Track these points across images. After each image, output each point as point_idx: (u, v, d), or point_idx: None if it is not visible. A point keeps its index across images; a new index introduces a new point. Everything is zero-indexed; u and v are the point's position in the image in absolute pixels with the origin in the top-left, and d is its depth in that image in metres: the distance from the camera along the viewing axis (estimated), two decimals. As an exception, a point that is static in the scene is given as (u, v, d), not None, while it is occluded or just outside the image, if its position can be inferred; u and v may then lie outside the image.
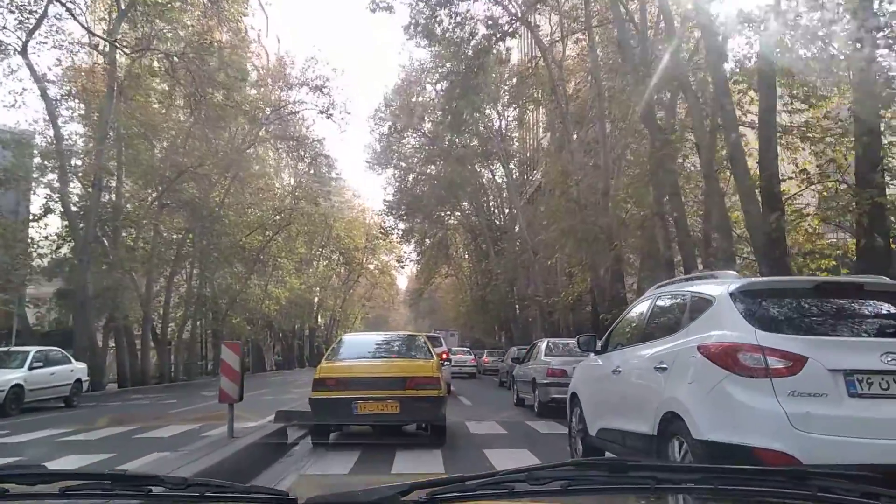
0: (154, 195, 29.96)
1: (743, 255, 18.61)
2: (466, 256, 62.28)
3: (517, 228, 36.27)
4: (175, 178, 28.45)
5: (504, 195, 48.41)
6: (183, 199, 30.92)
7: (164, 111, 30.60)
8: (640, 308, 6.78)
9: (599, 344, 7.30)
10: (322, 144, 36.23)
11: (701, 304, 5.25)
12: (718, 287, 5.19)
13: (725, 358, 4.53)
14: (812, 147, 16.58)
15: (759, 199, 14.06)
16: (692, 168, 21.65)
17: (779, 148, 15.00)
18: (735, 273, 6.39)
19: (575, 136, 27.77)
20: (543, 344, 15.60)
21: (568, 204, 25.91)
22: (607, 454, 6.55)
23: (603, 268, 25.86)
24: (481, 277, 51.68)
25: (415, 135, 47.68)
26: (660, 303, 6.32)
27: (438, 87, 36.83)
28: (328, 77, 34.21)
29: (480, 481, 1.47)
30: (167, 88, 30.95)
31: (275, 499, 1.50)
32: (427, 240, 57.37)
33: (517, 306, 42.92)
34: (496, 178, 48.71)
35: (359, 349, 10.49)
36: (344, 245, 62.86)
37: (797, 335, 4.53)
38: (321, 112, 35.32)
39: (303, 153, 35.87)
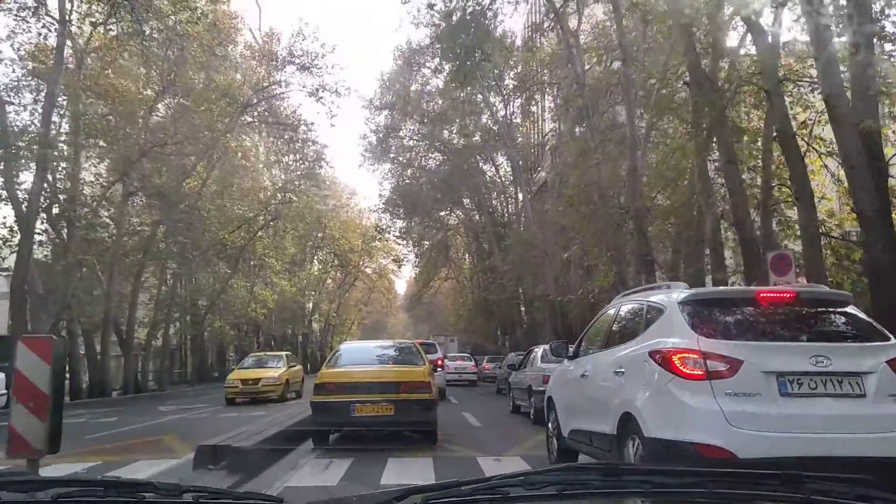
0: (114, 180, 25.93)
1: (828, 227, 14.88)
2: (467, 258, 58.43)
3: (524, 219, 32.20)
4: (137, 159, 24.52)
5: (509, 190, 44.74)
6: (153, 187, 26.94)
7: (132, 88, 26.71)
8: (607, 316, 7.01)
9: (572, 350, 7.45)
10: (310, 127, 32.19)
11: (654, 313, 5.54)
12: (670, 297, 5.51)
13: (671, 362, 4.81)
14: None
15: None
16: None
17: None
18: (685, 284, 6.44)
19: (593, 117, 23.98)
20: (539, 350, 14.77)
21: (588, 187, 22.09)
22: (580, 455, 6.90)
23: (629, 259, 22.05)
24: (484, 278, 47.73)
25: (413, 124, 43.84)
26: (622, 311, 6.52)
27: (437, 62, 32.90)
28: (317, 54, 30.25)
29: (475, 486, 1.44)
30: (139, 67, 27.33)
31: None
32: (426, 241, 53.57)
33: (522, 308, 38.96)
34: (500, 173, 44.92)
35: (356, 356, 10.99)
36: (339, 246, 58.96)
37: (735, 340, 4.85)
38: (310, 94, 31.49)
39: (289, 136, 31.72)
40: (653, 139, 23.28)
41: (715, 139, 15.53)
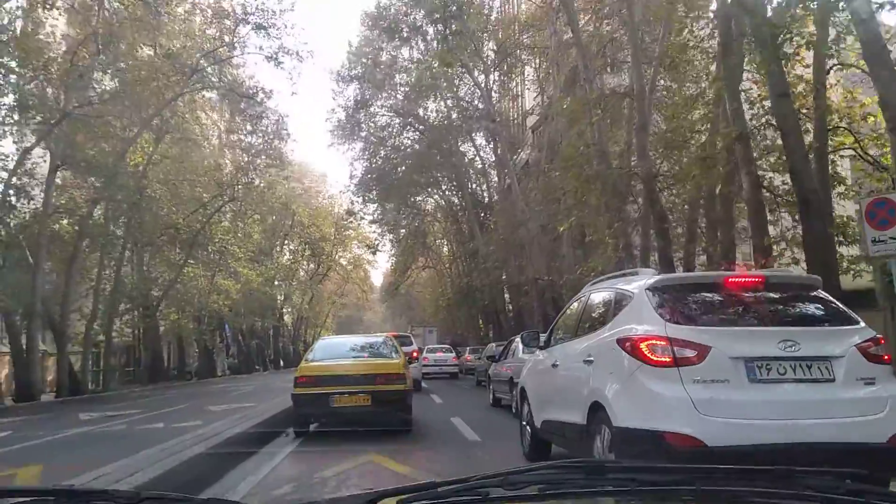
0: (30, 146, 21.93)
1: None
2: (446, 246, 54.87)
3: (511, 196, 28.63)
4: (56, 121, 20.61)
5: (490, 174, 41.29)
6: (84, 159, 23.03)
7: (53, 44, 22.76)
8: (577, 304, 6.78)
9: (543, 339, 7.27)
10: (268, 95, 28.17)
11: (622, 300, 5.35)
12: (637, 283, 5.30)
13: (638, 349, 4.62)
14: None
15: None
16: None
17: None
18: (654, 270, 6.46)
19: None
20: (520, 340, 13.01)
21: (587, 148, 18.67)
22: (552, 447, 6.91)
23: (636, 230, 18.78)
24: (465, 264, 44.25)
25: (386, 99, 40.14)
26: (592, 299, 6.32)
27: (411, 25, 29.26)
28: (274, 12, 26.37)
29: (453, 487, 1.36)
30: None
31: None
32: (402, 228, 49.94)
33: (507, 295, 35.52)
34: (480, 155, 41.40)
35: (334, 350, 11.43)
36: (309, 234, 55.08)
37: (703, 326, 4.69)
38: (268, 58, 27.63)
39: (244, 105, 27.76)
40: (657, 98, 19.97)
41: (761, 71, 12.19)
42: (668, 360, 4.46)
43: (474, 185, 41.58)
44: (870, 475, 1.46)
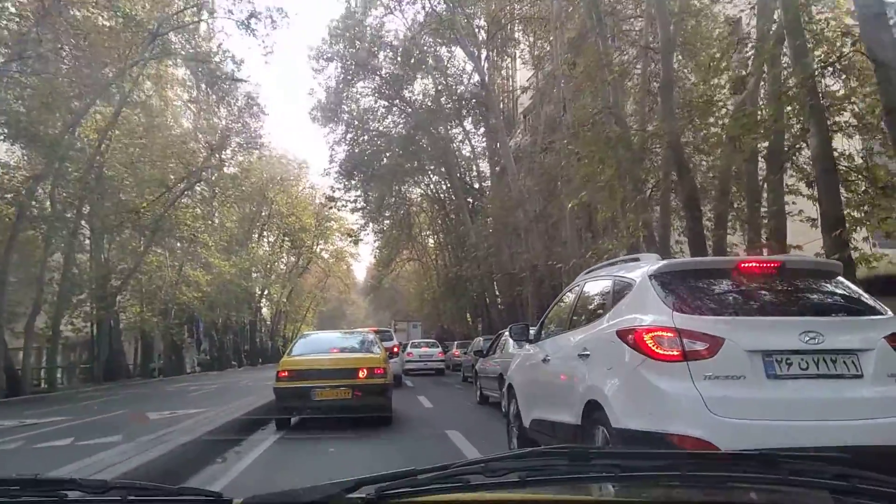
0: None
1: None
2: (432, 238, 51.93)
3: (509, 175, 25.63)
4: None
5: (479, 162, 38.42)
6: (17, 127, 19.79)
7: None
8: (571, 294, 6.28)
9: (534, 332, 6.78)
10: (238, 65, 25.03)
11: (623, 288, 4.84)
12: (639, 269, 4.78)
13: (641, 342, 4.14)
14: None
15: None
16: None
17: None
18: (657, 256, 5.66)
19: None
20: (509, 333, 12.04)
21: (600, 113, 15.78)
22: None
23: (657, 206, 16.00)
24: (453, 253, 41.34)
25: (369, 80, 37.05)
26: (587, 288, 5.80)
27: None
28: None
29: (433, 475, 1.33)
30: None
31: (207, 500, 1.36)
32: (386, 218, 46.88)
33: (495, 285, 32.56)
34: (470, 140, 38.45)
35: (316, 345, 11.37)
36: (288, 224, 51.90)
37: (714, 316, 4.23)
38: (240, 25, 24.48)
39: (208, 71, 24.51)
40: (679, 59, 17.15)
41: None
42: (675, 353, 3.98)
43: (464, 172, 38.55)
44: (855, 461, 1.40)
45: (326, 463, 7.49)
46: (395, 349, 19.37)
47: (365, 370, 9.77)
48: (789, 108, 12.45)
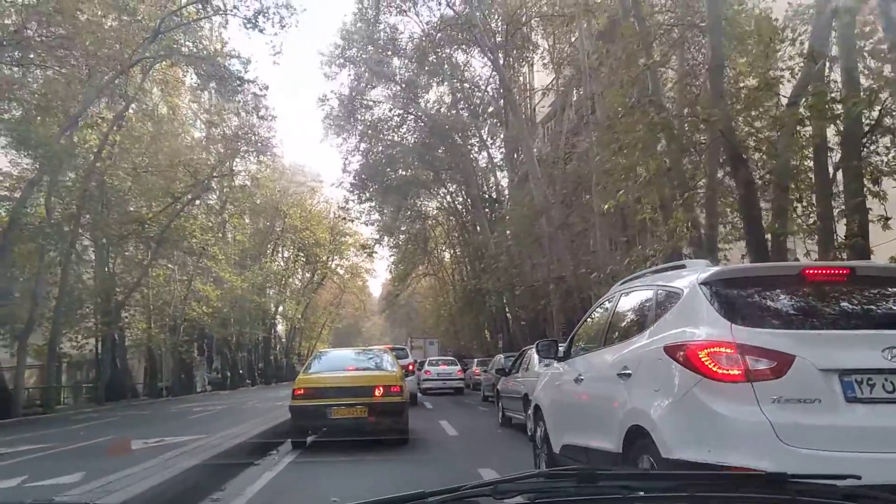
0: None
1: None
2: (449, 252, 50.13)
3: (532, 180, 23.73)
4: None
5: (500, 174, 36.65)
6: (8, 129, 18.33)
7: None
8: (605, 307, 5.57)
9: (562, 349, 6.09)
10: (245, 65, 23.49)
11: (668, 299, 4.28)
12: (687, 277, 4.22)
13: (696, 359, 3.58)
14: None
15: None
16: None
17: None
18: (706, 262, 4.91)
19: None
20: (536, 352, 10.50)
21: (643, 99, 13.94)
22: None
23: (709, 205, 14.12)
24: (472, 266, 39.52)
25: (383, 88, 35.58)
26: (625, 300, 5.14)
27: None
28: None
29: (442, 497, 1.31)
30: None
31: None
32: (402, 232, 45.25)
33: (516, 300, 30.56)
34: (488, 149, 36.66)
35: (331, 362, 11.03)
36: (302, 238, 50.37)
37: (782, 329, 3.66)
38: (247, 24, 23.04)
39: (210, 70, 22.86)
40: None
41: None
42: (737, 372, 3.39)
43: (481, 182, 36.77)
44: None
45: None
46: (411, 367, 18.75)
47: (381, 388, 9.55)
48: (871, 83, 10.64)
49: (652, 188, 14.30)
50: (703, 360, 3.54)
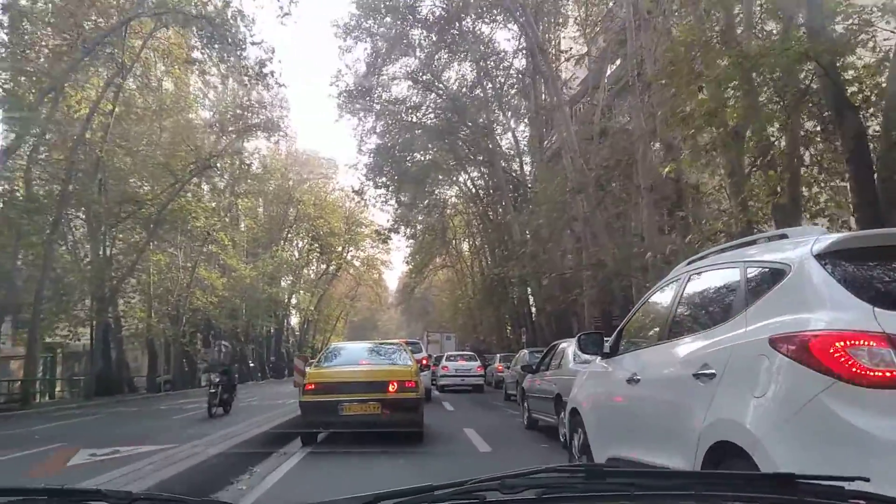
0: None
1: None
2: (468, 241, 47.52)
3: (569, 154, 20.80)
4: None
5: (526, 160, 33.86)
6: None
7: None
8: (667, 292, 4.40)
9: (608, 344, 5.02)
10: (248, 23, 20.80)
11: (767, 277, 3.23)
12: (795, 250, 3.15)
13: (826, 355, 2.57)
14: None
15: None
16: None
17: None
18: (821, 229, 4.22)
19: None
20: (571, 346, 10.02)
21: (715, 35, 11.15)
22: None
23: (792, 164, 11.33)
24: (494, 254, 36.86)
25: (402, 61, 32.85)
26: (696, 282, 4.04)
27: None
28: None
29: (449, 491, 1.29)
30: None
31: None
32: (419, 224, 42.69)
33: (542, 290, 27.76)
34: (513, 130, 33.90)
35: (344, 356, 10.68)
36: (316, 227, 47.91)
37: None
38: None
39: (211, 33, 20.32)
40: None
41: None
42: (888, 373, 2.44)
43: (509, 161, 34.00)
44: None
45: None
46: (424, 361, 17.89)
47: (395, 383, 9.12)
48: None
49: (720, 151, 11.59)
50: (836, 356, 2.56)
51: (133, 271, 25.25)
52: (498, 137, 33.97)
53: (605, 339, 5.22)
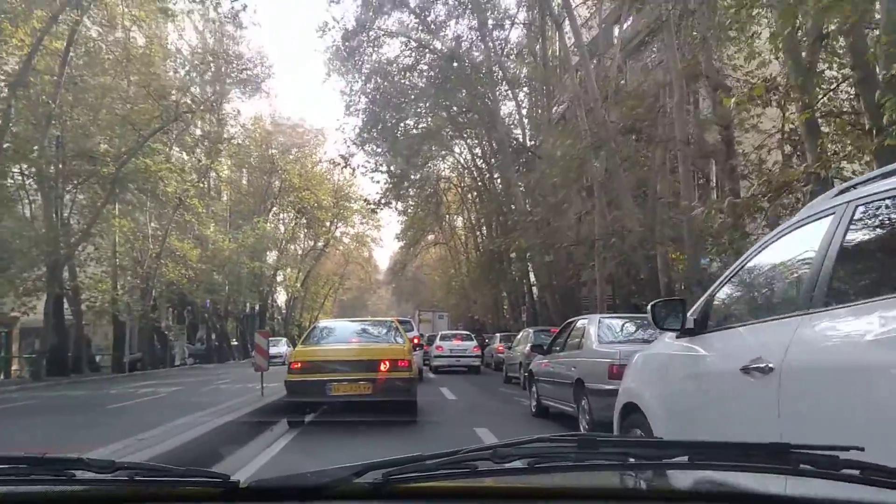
0: None
1: None
2: (463, 215, 44.69)
3: (587, 100, 17.71)
4: None
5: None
6: None
7: None
8: (805, 238, 2.92)
9: (692, 318, 3.61)
10: None
11: None
12: None
13: None
14: None
15: None
16: None
17: None
18: None
19: None
20: (594, 324, 8.90)
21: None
22: None
23: None
24: (491, 229, 34.11)
25: (395, 14, 29.66)
26: (868, 216, 2.58)
27: None
28: None
29: (440, 460, 1.27)
30: None
31: (213, 481, 1.28)
32: (411, 198, 39.74)
33: (543, 274, 24.86)
34: (515, 95, 30.82)
35: (333, 334, 10.26)
36: (302, 199, 44.84)
37: None
38: None
39: None
40: None
41: None
42: None
43: (512, 124, 31.00)
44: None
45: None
46: (416, 340, 16.97)
47: (387, 362, 8.55)
48: None
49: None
50: None
51: (89, 235, 22.22)
52: (500, 101, 31.01)
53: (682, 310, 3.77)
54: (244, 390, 13.16)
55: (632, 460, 1.32)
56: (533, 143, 28.97)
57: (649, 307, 3.85)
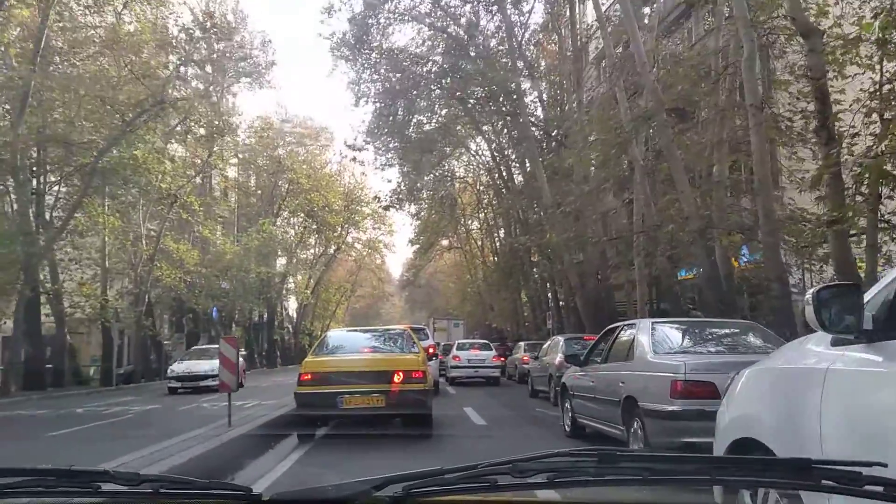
0: None
1: None
2: (480, 216, 42.14)
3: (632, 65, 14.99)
4: None
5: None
6: None
7: None
8: None
9: (870, 313, 2.31)
10: None
11: None
12: None
13: None
14: None
15: None
16: None
17: None
18: None
19: None
20: (645, 331, 7.37)
21: None
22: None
23: None
24: (510, 230, 31.49)
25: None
26: None
27: None
28: None
29: (460, 474, 1.24)
30: None
31: (237, 494, 1.28)
32: (424, 202, 37.36)
33: (573, 276, 21.97)
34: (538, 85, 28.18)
35: (344, 343, 9.77)
36: (311, 200, 42.33)
37: None
38: None
39: None
40: None
41: None
42: None
43: (537, 109, 28.34)
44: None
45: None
46: (432, 349, 16.37)
47: (401, 373, 8.06)
48: None
49: None
50: None
51: (64, 230, 19.78)
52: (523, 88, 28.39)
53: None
54: (222, 412, 10.57)
55: (652, 476, 1.26)
56: (557, 132, 26.39)
57: (808, 297, 2.50)
